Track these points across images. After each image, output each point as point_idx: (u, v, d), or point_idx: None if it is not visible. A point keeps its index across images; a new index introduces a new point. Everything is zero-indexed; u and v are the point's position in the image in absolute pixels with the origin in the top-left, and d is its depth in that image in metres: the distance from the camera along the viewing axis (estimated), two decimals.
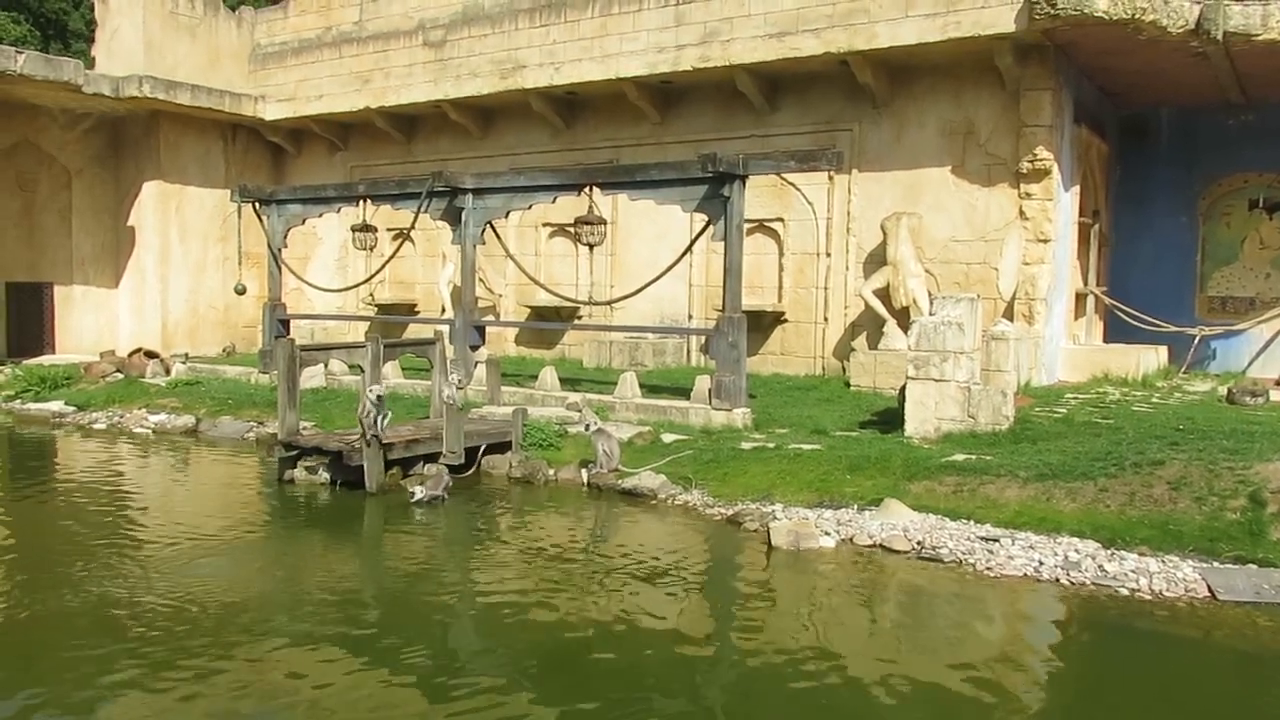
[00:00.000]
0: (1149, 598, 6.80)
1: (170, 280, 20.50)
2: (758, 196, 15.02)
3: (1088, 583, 7.03)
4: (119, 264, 20.86)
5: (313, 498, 10.01)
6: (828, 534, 8.11)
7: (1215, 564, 7.20)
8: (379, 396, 9.87)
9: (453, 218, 14.61)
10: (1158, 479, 8.28)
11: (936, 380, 10.54)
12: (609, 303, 15.72)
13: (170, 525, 9.04)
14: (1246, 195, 16.35)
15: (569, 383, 14.00)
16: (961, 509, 8.39)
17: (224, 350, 20.84)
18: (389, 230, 18.43)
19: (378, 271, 17.30)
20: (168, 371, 17.26)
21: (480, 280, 16.98)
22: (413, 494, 9.52)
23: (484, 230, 14.43)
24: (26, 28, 35.08)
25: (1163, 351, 15.75)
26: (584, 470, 10.32)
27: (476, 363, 14.19)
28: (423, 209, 14.83)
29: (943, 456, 9.53)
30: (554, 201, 14.33)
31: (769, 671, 5.72)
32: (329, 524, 9.28)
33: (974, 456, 9.45)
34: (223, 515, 9.57)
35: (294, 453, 10.59)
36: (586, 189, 13.71)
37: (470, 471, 10.58)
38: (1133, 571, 7.09)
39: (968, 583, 7.18)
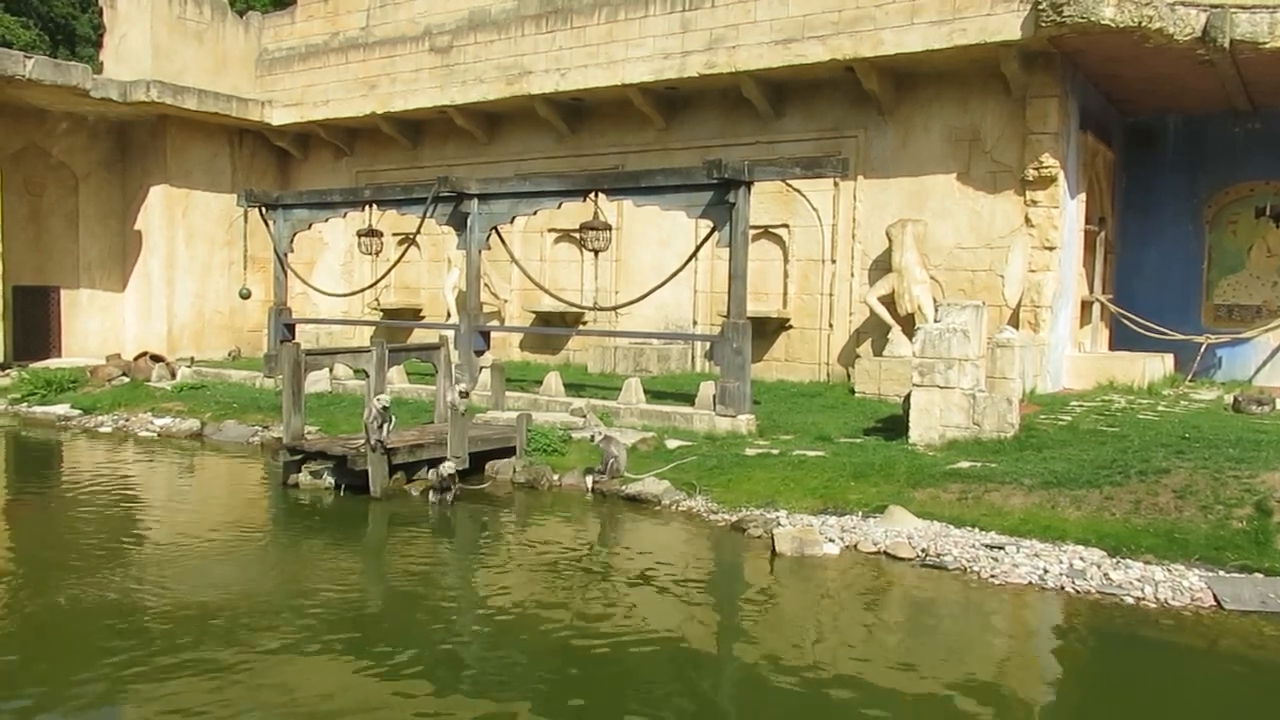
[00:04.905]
0: (1154, 606, 6.77)
1: (176, 284, 20.55)
2: (763, 202, 15.02)
3: (1093, 591, 7.00)
4: (125, 268, 20.93)
5: (317, 502, 10.02)
6: (832, 541, 8.10)
7: (1221, 573, 7.17)
8: (384, 406, 9.89)
9: (458, 223, 14.64)
10: (1163, 487, 8.26)
11: (941, 387, 10.52)
12: (614, 308, 15.73)
13: (175, 529, 9.05)
14: (1253, 203, 16.30)
15: (573, 388, 14.00)
16: (966, 516, 8.37)
17: (229, 354, 20.87)
18: (394, 235, 18.46)
19: (383, 276, 17.32)
20: (173, 375, 17.30)
21: (485, 285, 17.02)
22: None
23: (489, 235, 14.44)
24: (35, 33, 35.24)
25: (1169, 359, 15.70)
26: (588, 476, 10.31)
27: (481, 368, 14.19)
28: (428, 214, 14.86)
29: (947, 464, 9.51)
30: (559, 207, 14.36)
31: (772, 678, 5.70)
32: (333, 528, 9.28)
33: (979, 464, 9.44)
34: (227, 519, 9.59)
35: (299, 457, 10.61)
36: (592, 195, 13.74)
37: (483, 484, 10.56)
38: (1138, 580, 7.06)
39: (972, 590, 7.16)
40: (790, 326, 15.93)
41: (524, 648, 6.15)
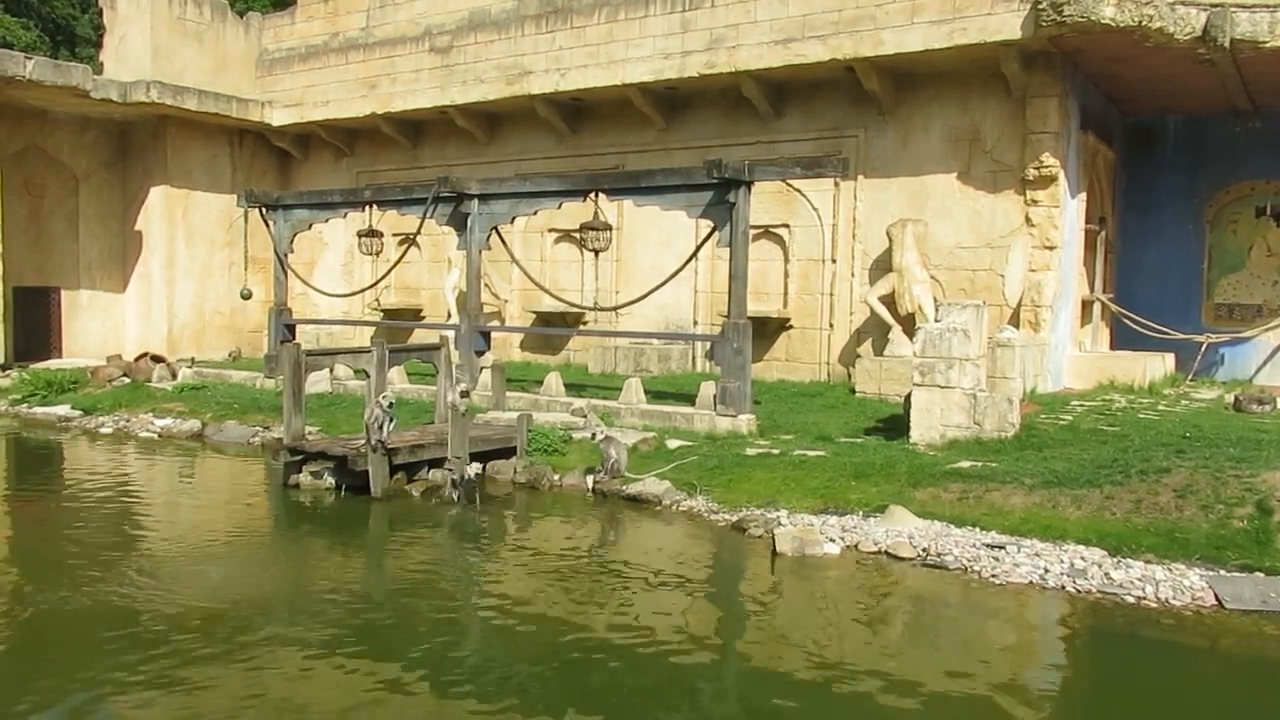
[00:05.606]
0: (1155, 606, 6.77)
1: (176, 285, 20.55)
2: (763, 202, 15.02)
3: (1093, 590, 7.00)
4: (126, 269, 20.93)
5: (318, 502, 10.02)
6: (832, 540, 8.09)
7: (1222, 572, 7.17)
8: (390, 404, 9.92)
9: (458, 223, 14.64)
10: (1164, 487, 8.26)
11: (942, 387, 10.52)
12: (614, 308, 15.72)
13: (175, 529, 9.07)
14: (1253, 202, 16.29)
15: (574, 388, 14.00)
16: (966, 516, 8.37)
17: (230, 355, 20.87)
18: (395, 235, 18.46)
19: (383, 277, 17.32)
20: (174, 376, 17.30)
21: (485, 286, 17.01)
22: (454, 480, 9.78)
23: (489, 236, 14.45)
24: (35, 33, 35.24)
25: (1169, 359, 15.70)
26: (589, 476, 10.32)
27: (481, 368, 14.19)
28: (428, 214, 14.86)
29: (948, 463, 9.51)
30: (559, 207, 14.36)
31: (773, 678, 5.70)
32: (334, 529, 9.28)
33: (979, 463, 9.44)
34: (228, 519, 9.59)
35: (299, 457, 10.61)
36: (592, 195, 13.74)
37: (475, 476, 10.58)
38: (1139, 579, 7.06)
39: (973, 590, 7.16)
40: (790, 326, 15.93)
41: (526, 649, 6.15)
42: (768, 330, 15.78)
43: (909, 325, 13.77)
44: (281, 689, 5.51)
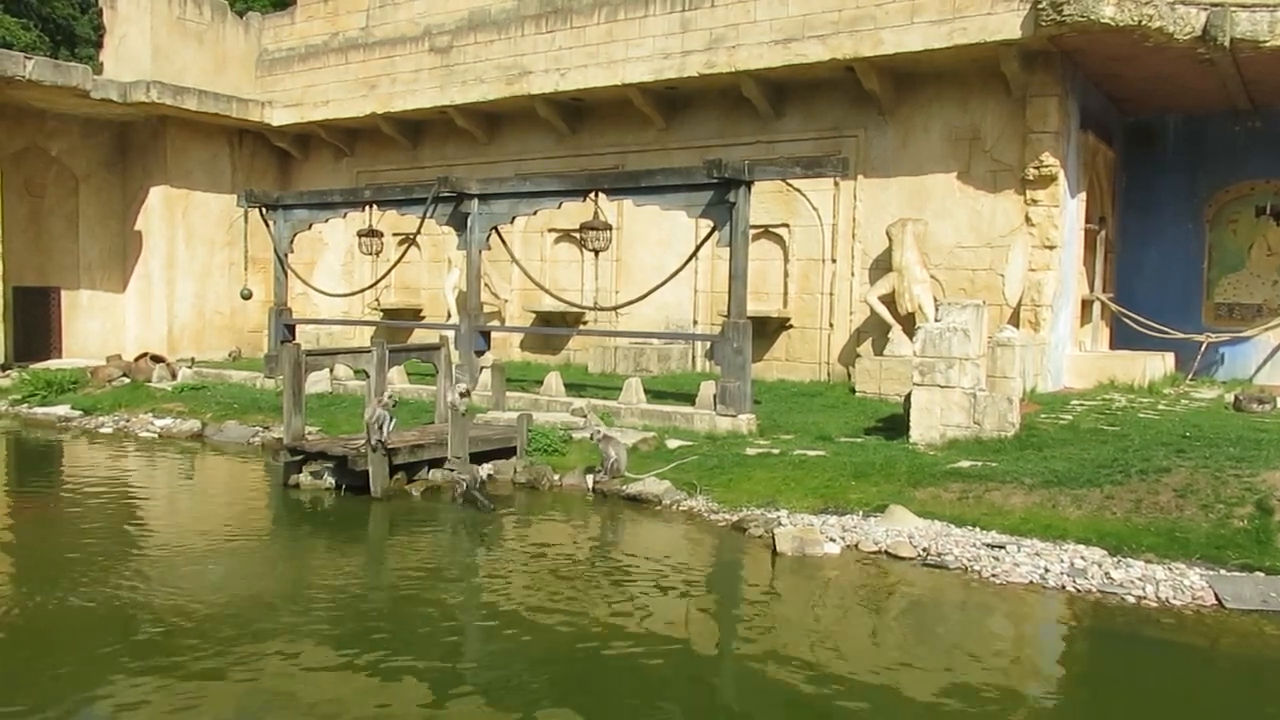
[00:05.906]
0: (1155, 605, 6.76)
1: (176, 285, 20.55)
2: (763, 202, 15.01)
3: (1094, 590, 7.00)
4: (125, 269, 20.93)
5: (317, 502, 10.02)
6: (832, 540, 8.09)
7: (1222, 572, 7.17)
8: (395, 403, 9.94)
9: (458, 223, 14.64)
10: (1164, 486, 8.26)
11: (942, 386, 10.52)
12: (614, 308, 15.72)
13: (175, 529, 9.07)
14: (1253, 202, 16.30)
15: (574, 388, 14.00)
16: (967, 516, 8.37)
17: (230, 355, 20.87)
18: (395, 235, 18.46)
19: (383, 277, 17.32)
20: (174, 376, 17.30)
21: (485, 285, 17.02)
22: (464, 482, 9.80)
23: (489, 235, 14.45)
24: (35, 34, 35.23)
25: (1169, 358, 15.70)
26: (589, 476, 10.32)
27: (481, 368, 14.19)
28: (428, 214, 14.86)
29: (948, 463, 9.51)
30: (559, 207, 14.36)
31: (773, 678, 5.70)
32: (334, 529, 9.28)
33: (979, 463, 9.44)
34: (228, 519, 9.59)
35: (299, 457, 10.61)
36: (592, 195, 13.74)
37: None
38: (1139, 579, 7.06)
39: (973, 590, 7.16)
40: (790, 326, 15.93)
41: (527, 649, 6.15)
42: (768, 330, 15.78)
43: (909, 325, 13.77)
44: (282, 689, 5.50)
